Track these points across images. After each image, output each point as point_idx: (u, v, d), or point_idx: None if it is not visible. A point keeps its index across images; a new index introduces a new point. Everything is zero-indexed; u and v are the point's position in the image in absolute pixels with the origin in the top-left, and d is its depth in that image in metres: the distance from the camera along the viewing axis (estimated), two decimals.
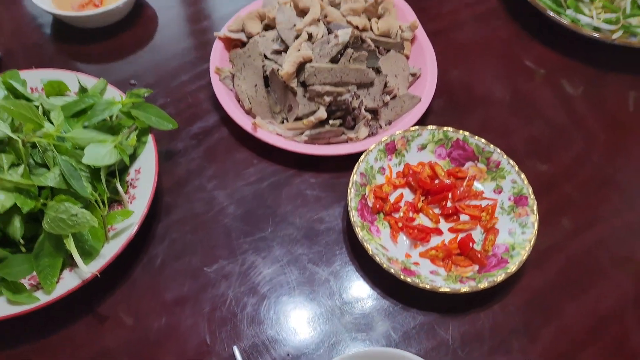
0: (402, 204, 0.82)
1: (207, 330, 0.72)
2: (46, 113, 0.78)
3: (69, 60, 1.00)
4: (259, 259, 0.78)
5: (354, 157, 0.83)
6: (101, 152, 0.73)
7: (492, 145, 0.83)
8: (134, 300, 0.74)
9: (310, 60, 0.86)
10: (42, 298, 0.68)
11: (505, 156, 0.82)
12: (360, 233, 0.74)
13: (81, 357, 0.70)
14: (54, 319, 0.72)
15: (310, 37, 0.88)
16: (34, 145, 0.73)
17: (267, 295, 0.75)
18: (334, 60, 0.87)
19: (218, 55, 0.93)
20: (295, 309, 0.74)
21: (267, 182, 0.85)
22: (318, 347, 0.71)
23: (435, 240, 0.79)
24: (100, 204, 0.72)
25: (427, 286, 0.71)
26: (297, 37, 0.89)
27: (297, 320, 0.73)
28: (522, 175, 0.80)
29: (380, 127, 0.88)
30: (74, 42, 1.03)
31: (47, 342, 0.71)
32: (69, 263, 0.71)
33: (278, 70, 0.86)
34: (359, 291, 0.75)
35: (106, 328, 0.72)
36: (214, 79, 0.90)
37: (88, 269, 0.68)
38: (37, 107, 0.76)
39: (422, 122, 0.89)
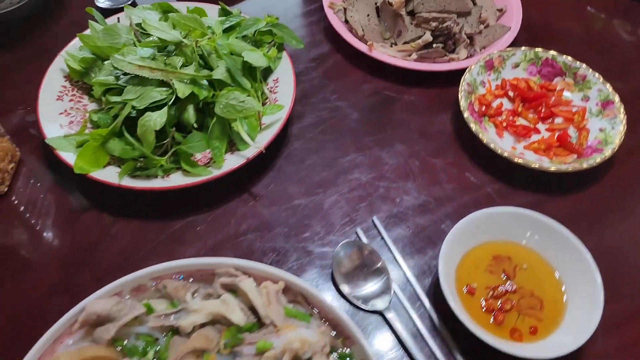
0: (502, 109, 0.94)
1: (348, 206, 0.84)
2: None
3: None
4: (383, 153, 0.90)
5: (456, 75, 0.95)
6: (256, 55, 0.86)
7: (578, 62, 0.95)
8: (281, 184, 0.86)
9: None
10: (214, 172, 0.80)
11: (590, 70, 0.95)
12: (474, 127, 0.87)
13: (243, 227, 0.81)
14: (217, 196, 0.84)
15: None
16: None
17: (394, 179, 0.87)
18: None
19: None
20: (421, 190, 0.86)
21: (382, 96, 0.98)
22: (443, 219, 0.83)
23: (535, 138, 0.91)
24: (257, 98, 0.85)
25: (536, 166, 0.83)
26: None
27: (423, 198, 0.85)
28: (608, 85, 0.93)
29: (476, 51, 1.01)
30: None
31: (213, 214, 0.82)
32: (229, 149, 0.84)
33: (390, 1, 0.99)
34: (474, 176, 0.87)
35: (261, 204, 0.84)
36: (329, 12, 1.03)
37: (254, 144, 0.80)
38: None
39: None
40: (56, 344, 0.58)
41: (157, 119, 0.78)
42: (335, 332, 0.61)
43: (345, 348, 0.60)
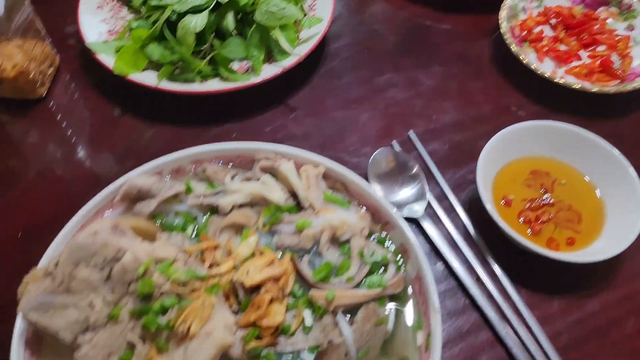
0: (543, 36, 0.92)
1: (384, 120, 0.83)
2: None
3: None
4: (420, 74, 0.89)
5: (493, 3, 0.93)
6: None
7: None
8: (317, 99, 0.85)
9: None
10: (252, 79, 0.79)
11: None
12: (515, 48, 0.85)
13: (279, 136, 0.81)
14: (254, 105, 0.83)
15: None
16: None
17: (431, 98, 0.86)
18: None
19: None
20: (458, 110, 0.85)
21: (418, 22, 0.97)
22: (479, 137, 0.81)
23: (576, 63, 0.89)
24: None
25: (578, 86, 0.81)
26: None
27: (460, 117, 0.84)
28: None
29: None
30: None
31: (248, 122, 0.82)
32: (267, 60, 0.83)
33: None
34: (513, 99, 0.86)
35: (298, 116, 0.83)
36: None
37: (294, 52, 0.80)
38: None
39: None
40: (98, 215, 0.59)
41: (197, 21, 0.78)
42: (373, 217, 0.61)
43: (383, 232, 0.60)
